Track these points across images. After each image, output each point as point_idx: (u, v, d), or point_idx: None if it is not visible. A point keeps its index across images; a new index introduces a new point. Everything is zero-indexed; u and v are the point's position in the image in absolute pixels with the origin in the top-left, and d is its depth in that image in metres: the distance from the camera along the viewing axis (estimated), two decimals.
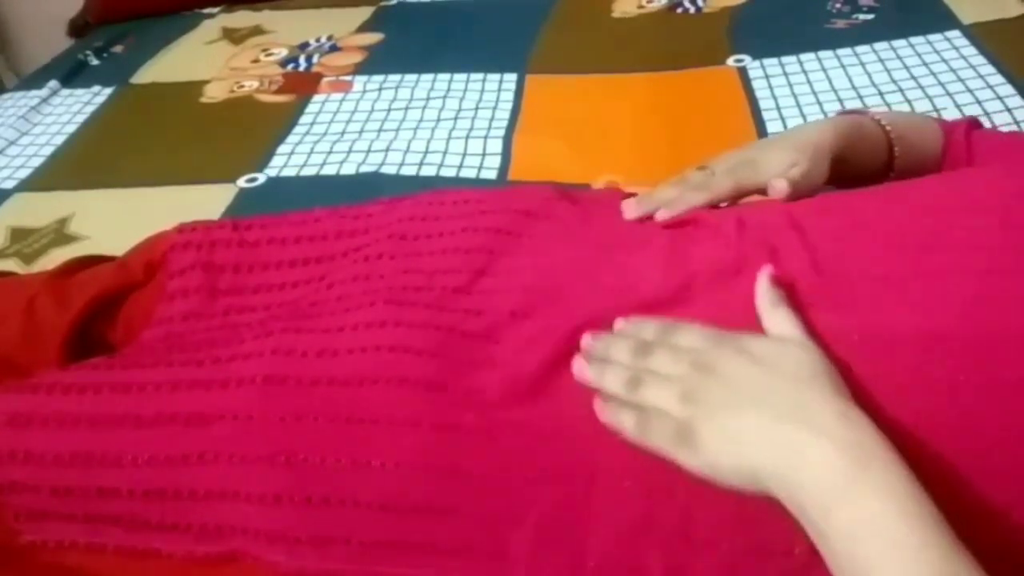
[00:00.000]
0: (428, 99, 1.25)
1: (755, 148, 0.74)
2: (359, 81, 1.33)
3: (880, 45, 1.22)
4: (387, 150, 1.13)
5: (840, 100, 1.11)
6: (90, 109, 1.37)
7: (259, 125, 1.25)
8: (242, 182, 1.11)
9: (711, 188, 0.68)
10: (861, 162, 0.72)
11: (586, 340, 0.55)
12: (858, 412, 0.45)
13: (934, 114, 1.05)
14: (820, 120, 0.85)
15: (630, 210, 0.68)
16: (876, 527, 0.41)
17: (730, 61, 1.25)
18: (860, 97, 1.12)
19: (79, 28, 1.72)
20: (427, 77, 1.31)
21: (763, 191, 0.68)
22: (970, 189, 0.58)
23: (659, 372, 0.50)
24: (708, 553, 0.49)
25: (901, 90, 1.11)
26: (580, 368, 0.53)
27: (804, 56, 1.23)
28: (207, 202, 1.07)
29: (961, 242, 0.53)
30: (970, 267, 0.51)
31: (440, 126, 1.18)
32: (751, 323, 0.54)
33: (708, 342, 0.51)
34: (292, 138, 1.20)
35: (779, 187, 0.66)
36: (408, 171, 1.09)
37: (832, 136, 0.70)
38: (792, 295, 0.53)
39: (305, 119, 1.25)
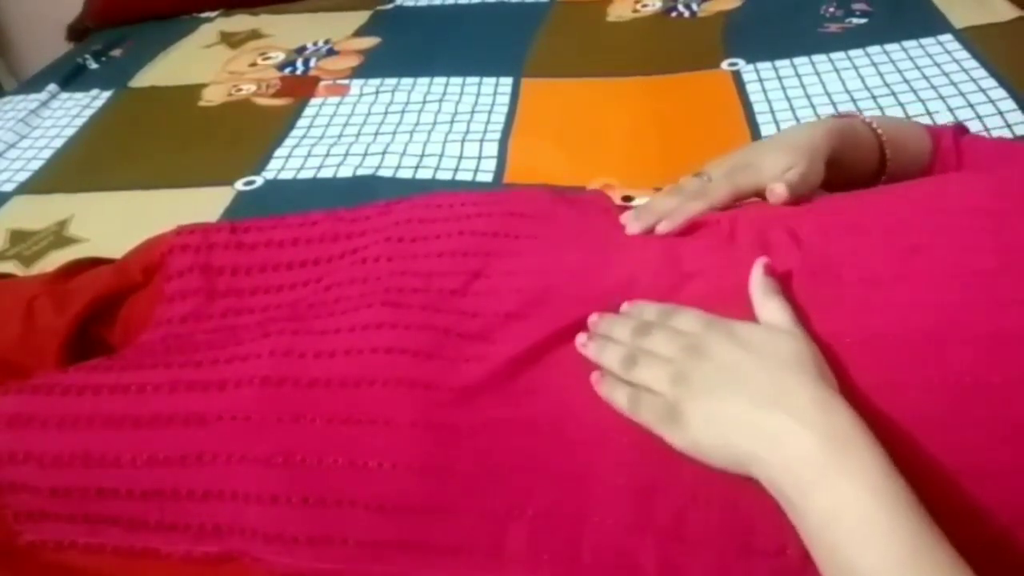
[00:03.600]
0: (424, 102, 1.26)
1: (751, 151, 0.74)
2: (356, 84, 1.34)
3: (873, 49, 1.23)
4: (384, 153, 1.14)
5: (834, 104, 1.12)
6: (89, 112, 1.37)
7: (257, 128, 1.26)
8: (240, 185, 1.12)
9: (709, 195, 0.68)
10: (853, 165, 0.72)
11: (593, 318, 0.57)
12: (838, 399, 0.46)
13: (927, 118, 1.05)
14: (813, 122, 0.83)
15: (631, 225, 0.67)
16: (849, 509, 0.43)
17: (724, 65, 1.26)
18: (854, 100, 1.12)
19: (78, 32, 1.73)
20: (423, 81, 1.31)
21: (761, 194, 0.68)
22: (961, 192, 0.59)
23: (654, 352, 0.53)
24: (701, 552, 0.49)
25: (894, 94, 1.12)
26: (582, 343, 0.56)
27: (798, 60, 1.23)
28: (205, 205, 1.07)
29: (949, 244, 0.54)
30: (957, 269, 0.52)
31: (436, 129, 1.18)
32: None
33: (703, 326, 0.53)
34: (289, 141, 1.21)
35: (778, 191, 0.66)
36: (404, 174, 1.10)
37: (826, 138, 0.70)
38: (786, 287, 0.54)
39: (302, 122, 1.26)
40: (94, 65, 1.55)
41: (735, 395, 0.48)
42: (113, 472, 0.56)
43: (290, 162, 1.16)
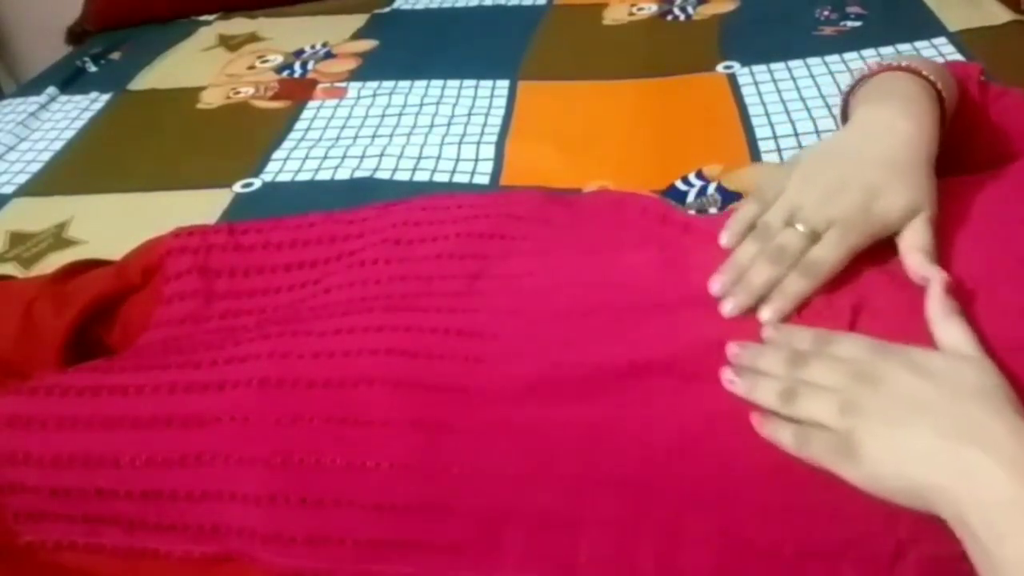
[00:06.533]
0: (421, 105, 1.26)
1: (853, 172, 0.55)
2: (353, 87, 1.34)
3: (868, 52, 1.23)
4: (381, 155, 1.14)
5: (828, 107, 1.12)
6: (88, 115, 1.37)
7: (255, 131, 1.26)
8: (238, 187, 1.12)
9: (819, 267, 0.53)
10: None
11: (732, 350, 0.52)
12: None
13: None
14: (900, 112, 0.58)
15: (725, 305, 0.54)
16: None
17: (719, 68, 1.26)
18: None
19: (77, 35, 1.73)
20: (420, 83, 1.31)
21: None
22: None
23: (817, 383, 0.48)
24: (698, 550, 0.50)
25: None
26: (729, 379, 0.51)
27: (792, 63, 1.23)
28: (203, 207, 1.07)
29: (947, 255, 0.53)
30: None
31: (433, 132, 1.19)
32: (747, 323, 0.54)
33: (872, 353, 0.48)
34: (287, 143, 1.21)
35: (917, 267, 0.52)
36: (402, 176, 1.10)
37: (934, 139, 0.56)
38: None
39: (300, 125, 1.26)
40: (93, 68, 1.55)
41: (918, 425, 0.43)
42: (112, 473, 0.56)
43: (288, 164, 1.16)
